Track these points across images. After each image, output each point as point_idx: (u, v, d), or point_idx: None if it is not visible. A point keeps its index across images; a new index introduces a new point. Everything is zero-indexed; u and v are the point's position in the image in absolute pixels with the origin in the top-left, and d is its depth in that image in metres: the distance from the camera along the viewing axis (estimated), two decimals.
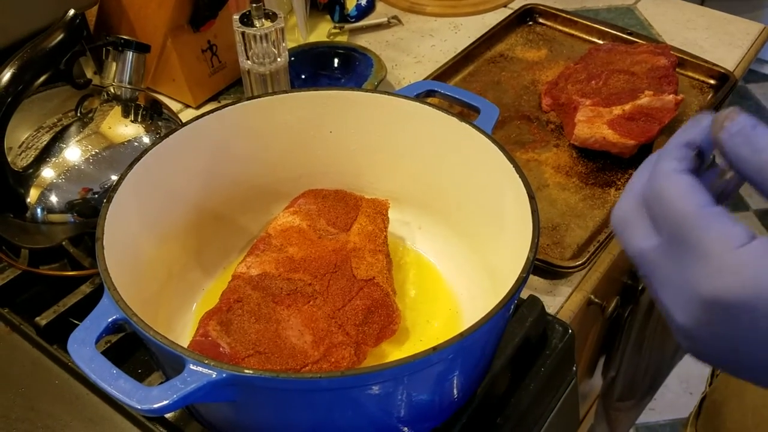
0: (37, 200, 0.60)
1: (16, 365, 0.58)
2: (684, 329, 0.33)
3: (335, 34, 1.01)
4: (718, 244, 0.30)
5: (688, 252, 0.31)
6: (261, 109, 0.60)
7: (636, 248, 0.34)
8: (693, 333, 0.32)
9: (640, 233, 0.34)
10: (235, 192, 0.63)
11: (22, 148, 0.61)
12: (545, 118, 0.86)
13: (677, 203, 0.32)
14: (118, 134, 0.64)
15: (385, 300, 0.55)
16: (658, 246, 0.33)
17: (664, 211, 0.33)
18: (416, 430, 0.50)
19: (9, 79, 0.56)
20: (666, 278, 0.33)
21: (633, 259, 0.35)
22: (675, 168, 0.33)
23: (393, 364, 0.40)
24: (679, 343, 0.35)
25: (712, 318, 0.31)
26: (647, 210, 0.34)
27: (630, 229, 0.35)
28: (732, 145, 0.32)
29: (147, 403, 0.38)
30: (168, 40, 0.81)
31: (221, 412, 0.47)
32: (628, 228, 0.35)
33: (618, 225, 0.36)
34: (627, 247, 0.35)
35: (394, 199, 0.64)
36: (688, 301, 0.32)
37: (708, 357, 0.34)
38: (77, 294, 0.61)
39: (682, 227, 0.32)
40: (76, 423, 0.54)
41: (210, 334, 0.48)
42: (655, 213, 0.34)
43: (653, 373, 1.18)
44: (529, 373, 0.59)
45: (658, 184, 0.33)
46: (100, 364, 0.39)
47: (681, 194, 0.32)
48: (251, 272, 0.55)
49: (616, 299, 0.86)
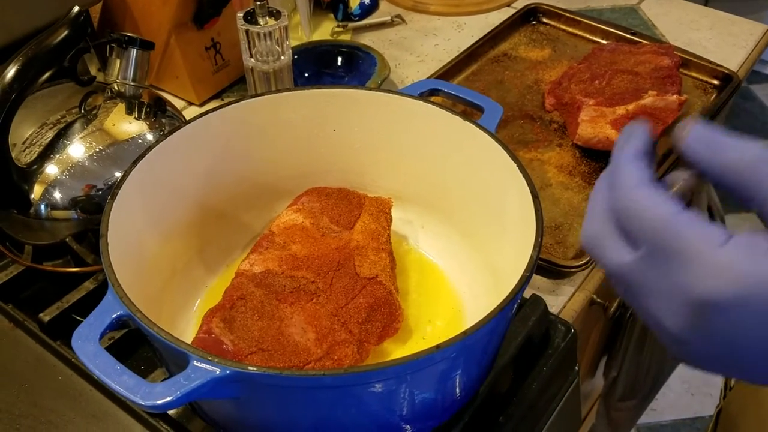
0: (40, 197, 0.60)
1: (19, 361, 0.58)
2: (675, 336, 0.33)
3: (338, 32, 1.01)
4: (701, 246, 0.30)
5: (671, 258, 0.31)
6: (265, 107, 0.60)
7: (614, 265, 0.34)
8: (684, 338, 0.32)
9: (616, 249, 0.34)
10: (238, 189, 0.63)
11: (26, 144, 0.61)
12: (548, 117, 0.86)
13: (651, 214, 0.32)
14: (121, 131, 0.64)
15: (388, 298, 0.55)
16: (639, 259, 0.33)
17: (640, 224, 0.33)
18: (419, 428, 0.50)
19: (13, 75, 0.56)
20: (651, 288, 0.33)
21: (612, 276, 0.35)
22: (638, 180, 0.33)
23: (396, 362, 0.40)
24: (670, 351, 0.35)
25: (703, 320, 0.31)
26: (618, 226, 0.34)
27: (604, 248, 0.35)
28: (695, 150, 0.33)
29: (150, 399, 0.38)
30: (172, 37, 0.81)
31: (224, 408, 0.47)
32: (602, 247, 0.35)
33: (590, 245, 0.36)
34: (605, 265, 0.35)
35: (397, 198, 0.64)
36: (678, 306, 0.32)
37: (700, 361, 0.34)
38: (81, 290, 0.61)
39: (661, 236, 0.32)
40: (80, 419, 0.54)
41: (213, 331, 0.48)
42: (629, 227, 0.34)
43: (655, 374, 1.18)
44: (531, 372, 0.59)
45: (626, 199, 0.33)
46: (104, 360, 0.39)
47: (652, 205, 0.32)
48: (254, 270, 0.55)
49: (619, 299, 0.85)
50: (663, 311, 0.33)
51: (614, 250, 0.34)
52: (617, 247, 0.34)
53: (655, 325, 0.34)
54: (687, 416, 1.64)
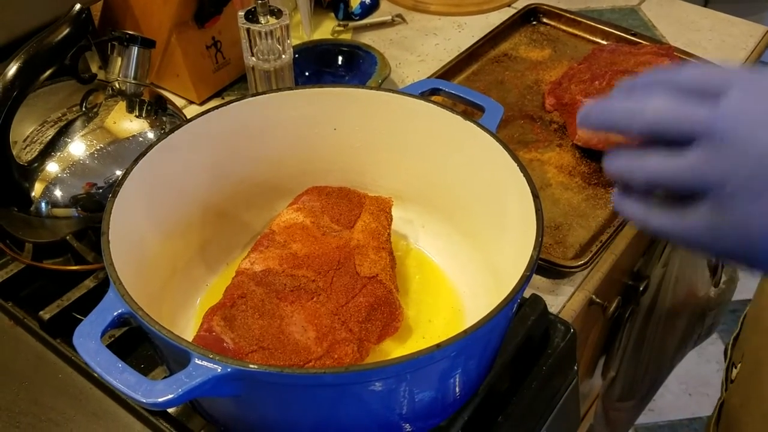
0: (41, 194, 0.60)
1: (19, 359, 0.58)
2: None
3: (339, 31, 1.01)
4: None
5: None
6: (265, 106, 0.60)
7: (702, 118, 0.34)
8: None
9: (697, 106, 0.35)
10: (238, 188, 0.63)
11: (26, 142, 0.61)
12: (548, 117, 0.86)
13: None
14: (122, 129, 0.64)
15: (388, 297, 0.55)
16: (736, 98, 0.34)
17: (721, 72, 0.35)
18: (418, 427, 0.50)
19: (15, 72, 0.56)
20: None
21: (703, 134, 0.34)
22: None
23: (396, 361, 0.40)
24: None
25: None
26: (688, 90, 0.35)
27: (683, 110, 0.35)
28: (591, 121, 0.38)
29: (152, 396, 0.38)
30: (173, 35, 0.81)
31: (225, 406, 0.47)
32: (679, 110, 0.35)
33: (665, 113, 0.36)
34: (692, 126, 0.34)
35: (398, 197, 0.64)
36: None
37: None
38: (81, 288, 0.61)
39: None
40: (80, 417, 0.54)
41: (214, 330, 0.48)
42: (708, 83, 0.35)
43: (653, 374, 1.18)
44: (530, 371, 0.59)
45: (691, 67, 0.36)
46: (105, 358, 0.39)
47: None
48: (255, 268, 0.55)
49: (618, 299, 0.86)
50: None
51: (696, 107, 0.34)
52: (696, 105, 0.34)
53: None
54: (685, 417, 1.64)
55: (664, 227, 0.37)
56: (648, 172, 0.37)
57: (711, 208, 0.34)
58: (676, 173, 0.35)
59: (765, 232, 0.33)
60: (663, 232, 0.37)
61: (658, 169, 0.36)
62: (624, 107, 0.37)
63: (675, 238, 0.37)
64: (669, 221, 0.37)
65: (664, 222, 0.37)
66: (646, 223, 0.38)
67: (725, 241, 0.35)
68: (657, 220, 0.37)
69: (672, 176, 0.35)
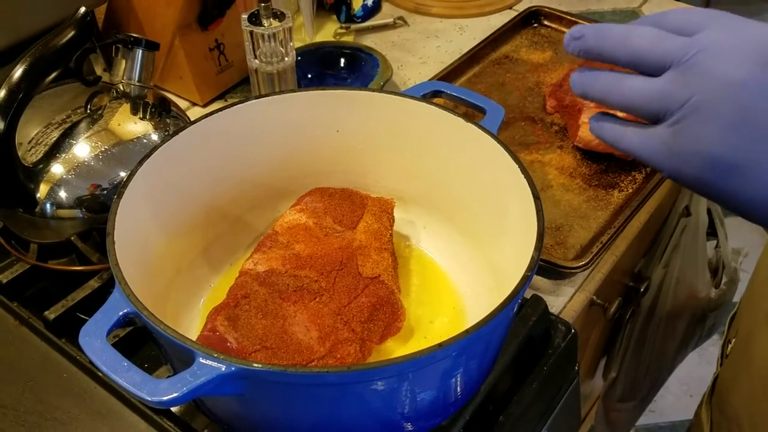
0: (46, 195, 0.60)
1: (24, 358, 0.58)
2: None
3: (341, 34, 1.02)
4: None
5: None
6: (269, 108, 0.60)
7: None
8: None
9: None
10: (242, 189, 0.63)
11: (31, 144, 0.62)
12: (549, 119, 0.86)
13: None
14: (127, 131, 0.64)
15: (390, 298, 0.55)
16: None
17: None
18: (420, 426, 0.50)
19: (21, 75, 0.57)
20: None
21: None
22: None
23: (399, 360, 0.40)
24: None
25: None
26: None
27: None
28: (588, 43, 0.41)
29: (157, 395, 0.38)
30: (176, 38, 0.82)
31: (228, 405, 0.47)
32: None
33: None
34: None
35: (400, 198, 0.64)
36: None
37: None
38: (86, 288, 0.62)
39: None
40: (84, 416, 0.54)
41: (218, 329, 0.49)
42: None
43: (654, 375, 1.18)
44: (532, 371, 0.59)
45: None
46: (111, 357, 0.40)
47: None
48: (258, 269, 0.55)
49: (618, 300, 0.86)
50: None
51: (674, 39, 0.38)
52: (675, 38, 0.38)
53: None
54: (686, 418, 1.64)
55: (632, 145, 0.41)
56: (623, 94, 0.40)
57: (671, 126, 0.38)
58: (648, 95, 0.39)
59: (714, 152, 0.37)
60: (631, 151, 0.41)
61: (633, 91, 0.39)
62: (615, 32, 0.40)
63: (640, 156, 0.41)
64: (637, 139, 0.41)
65: (633, 140, 0.41)
66: (619, 142, 0.42)
67: (680, 159, 0.38)
68: (628, 140, 0.41)
69: (644, 98, 0.39)
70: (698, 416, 0.82)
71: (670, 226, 0.98)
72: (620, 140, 0.42)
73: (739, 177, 0.37)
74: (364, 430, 0.48)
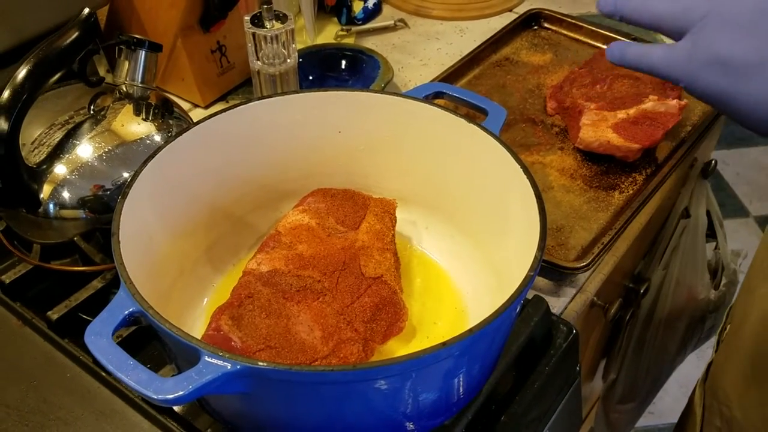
0: (49, 196, 0.61)
1: (28, 358, 0.58)
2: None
3: (342, 36, 1.02)
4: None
5: None
6: (272, 109, 0.61)
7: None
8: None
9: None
10: (245, 190, 0.63)
11: (35, 144, 0.62)
12: (550, 121, 0.87)
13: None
14: (129, 132, 0.64)
15: (392, 298, 0.55)
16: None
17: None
18: (423, 425, 0.50)
19: (25, 75, 0.57)
20: None
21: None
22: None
23: (403, 359, 0.40)
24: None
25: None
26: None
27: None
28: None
29: (163, 393, 0.38)
30: (178, 40, 0.82)
31: (232, 404, 0.47)
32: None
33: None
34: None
35: (402, 199, 0.64)
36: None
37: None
38: (88, 289, 0.62)
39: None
40: (88, 415, 0.54)
41: (222, 329, 0.49)
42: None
43: (653, 376, 1.18)
44: (533, 371, 0.60)
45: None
46: (116, 355, 0.40)
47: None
48: (261, 269, 0.55)
49: (619, 302, 0.86)
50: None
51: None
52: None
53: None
54: None
55: (654, 60, 0.47)
56: (653, 12, 0.47)
57: (693, 35, 0.44)
58: (674, 11, 0.45)
59: (729, 52, 0.42)
60: (653, 66, 0.47)
61: (660, 8, 0.46)
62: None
63: (660, 70, 0.47)
64: (660, 53, 0.47)
65: (656, 55, 0.47)
66: (642, 59, 0.48)
67: (698, 65, 0.44)
68: (651, 56, 0.47)
69: (671, 13, 0.45)
70: (691, 401, 0.83)
71: (670, 227, 0.98)
72: (644, 57, 0.47)
73: (751, 77, 0.42)
74: (367, 429, 0.48)
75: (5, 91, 0.56)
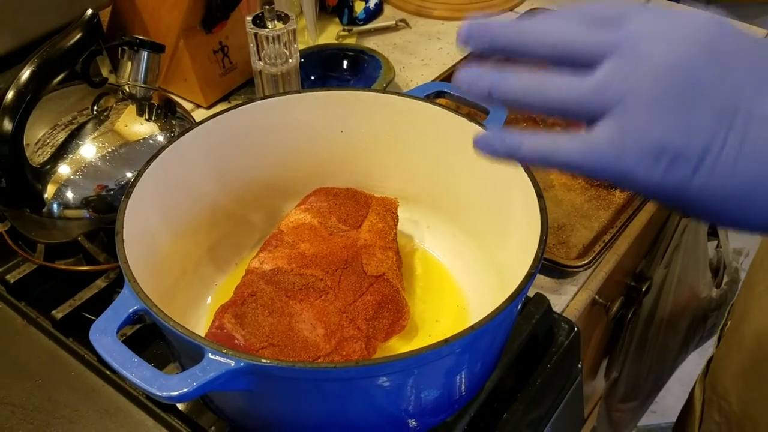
0: (53, 196, 0.61)
1: (32, 357, 0.59)
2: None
3: (344, 36, 1.02)
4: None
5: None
6: (274, 109, 0.61)
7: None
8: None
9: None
10: (247, 189, 0.64)
11: (38, 145, 0.62)
12: (551, 120, 0.87)
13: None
14: (132, 132, 0.65)
15: (395, 296, 0.56)
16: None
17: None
18: (425, 423, 0.51)
19: (29, 76, 0.57)
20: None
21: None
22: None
23: (406, 355, 0.41)
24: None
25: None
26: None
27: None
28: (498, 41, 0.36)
29: (167, 390, 0.39)
30: (180, 40, 0.82)
31: (235, 401, 0.48)
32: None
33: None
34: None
35: (403, 198, 0.65)
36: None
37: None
38: (93, 288, 0.62)
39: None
40: (92, 413, 0.55)
41: (225, 327, 0.49)
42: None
43: (656, 375, 1.19)
44: (535, 369, 0.60)
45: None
46: (121, 353, 0.40)
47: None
48: (264, 267, 0.56)
49: (620, 300, 0.87)
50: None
51: (601, 30, 0.34)
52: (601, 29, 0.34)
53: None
54: None
55: (571, 155, 0.34)
56: (549, 94, 0.34)
57: (617, 121, 0.33)
58: (583, 91, 0.33)
59: (669, 140, 0.32)
60: (570, 162, 0.35)
61: (564, 88, 0.34)
62: (534, 26, 0.35)
63: (582, 166, 0.34)
64: (575, 146, 0.34)
65: (571, 149, 0.34)
66: (553, 157, 0.35)
67: (632, 157, 0.33)
68: (564, 151, 0.34)
69: (579, 95, 0.33)
70: (691, 396, 0.84)
71: (671, 226, 0.99)
72: (554, 154, 0.35)
73: (701, 164, 0.32)
74: (370, 426, 0.48)
75: (9, 91, 0.57)
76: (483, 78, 0.36)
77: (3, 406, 0.55)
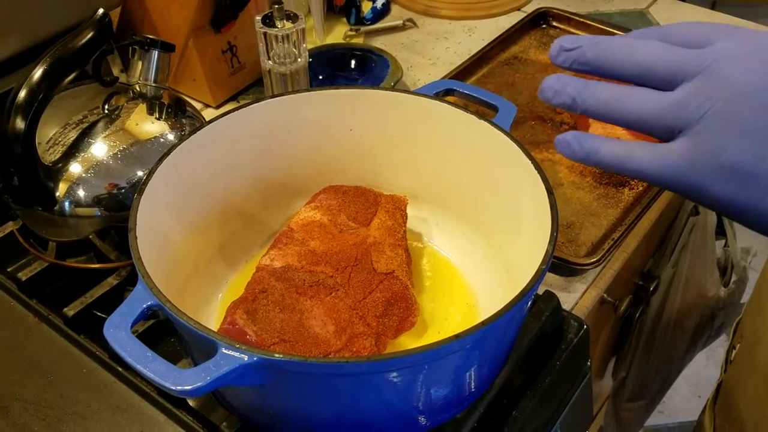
0: (65, 194, 0.61)
1: (44, 355, 0.59)
2: None
3: (351, 36, 1.03)
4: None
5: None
6: (284, 108, 0.61)
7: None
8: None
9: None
10: (257, 188, 0.64)
11: (50, 143, 0.63)
12: (559, 118, 0.87)
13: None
14: (143, 131, 0.65)
15: (404, 293, 0.56)
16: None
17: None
18: (435, 419, 0.51)
19: (41, 75, 0.58)
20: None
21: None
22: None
23: (416, 351, 0.41)
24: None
25: None
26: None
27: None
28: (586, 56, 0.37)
29: (181, 384, 0.39)
30: (190, 40, 0.83)
31: (247, 397, 0.48)
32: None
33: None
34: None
35: (412, 196, 0.65)
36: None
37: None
38: (104, 286, 0.63)
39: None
40: (104, 410, 0.55)
41: (237, 323, 0.50)
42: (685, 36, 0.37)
43: (663, 374, 1.18)
44: (544, 366, 0.60)
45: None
46: (135, 348, 0.40)
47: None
48: (275, 264, 0.56)
49: (629, 299, 0.87)
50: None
51: (685, 51, 0.36)
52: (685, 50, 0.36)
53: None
54: (694, 419, 1.64)
55: (643, 165, 0.37)
56: (632, 108, 0.36)
57: (692, 138, 0.35)
58: (663, 107, 0.36)
59: (742, 161, 0.34)
60: (642, 171, 0.37)
61: (645, 103, 0.36)
62: (620, 44, 0.37)
63: (653, 176, 0.37)
64: (649, 157, 0.37)
65: (644, 159, 0.37)
66: (626, 163, 0.38)
67: (705, 174, 0.35)
68: (637, 159, 0.37)
69: (659, 111, 0.36)
70: (701, 422, 0.82)
71: (679, 224, 0.98)
72: (627, 161, 0.37)
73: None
74: (380, 422, 0.49)
75: (22, 90, 0.57)
76: (569, 85, 0.38)
77: (16, 403, 0.56)
